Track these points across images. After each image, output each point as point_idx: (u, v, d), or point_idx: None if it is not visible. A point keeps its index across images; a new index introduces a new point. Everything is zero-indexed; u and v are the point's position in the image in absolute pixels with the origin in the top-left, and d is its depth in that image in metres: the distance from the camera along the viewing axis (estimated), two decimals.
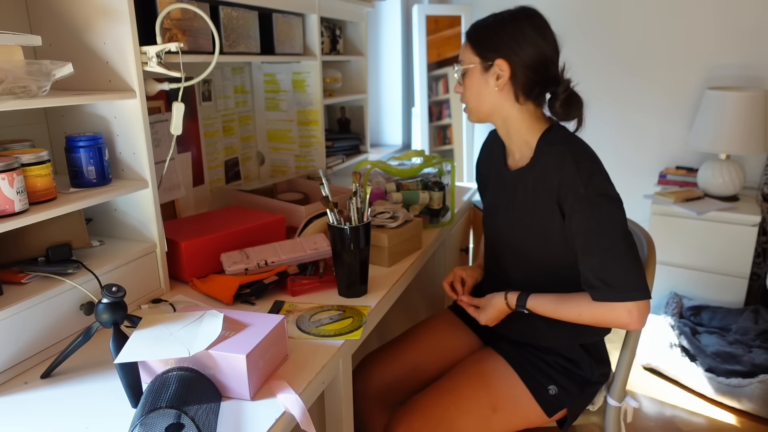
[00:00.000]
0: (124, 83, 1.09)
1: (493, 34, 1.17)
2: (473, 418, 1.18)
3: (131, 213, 1.19)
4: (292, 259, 1.28)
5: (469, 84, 1.22)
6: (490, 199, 1.36)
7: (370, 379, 1.37)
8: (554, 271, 1.20)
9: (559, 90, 1.17)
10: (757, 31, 2.58)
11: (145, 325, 0.88)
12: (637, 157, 2.93)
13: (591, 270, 1.09)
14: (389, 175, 1.64)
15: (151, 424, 0.74)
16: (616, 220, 1.08)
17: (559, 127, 1.20)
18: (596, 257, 1.08)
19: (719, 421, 2.02)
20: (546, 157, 1.16)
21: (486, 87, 1.19)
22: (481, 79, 1.19)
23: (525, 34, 1.15)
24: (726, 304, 2.50)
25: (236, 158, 1.83)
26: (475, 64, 1.19)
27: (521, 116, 1.20)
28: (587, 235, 1.09)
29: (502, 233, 1.28)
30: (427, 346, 1.40)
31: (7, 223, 0.88)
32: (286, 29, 1.64)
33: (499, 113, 1.22)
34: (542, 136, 1.20)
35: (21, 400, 0.86)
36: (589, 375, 1.26)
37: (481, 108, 1.22)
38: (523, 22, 1.16)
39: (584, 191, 1.08)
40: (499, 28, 1.17)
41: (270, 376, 0.89)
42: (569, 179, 1.10)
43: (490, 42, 1.17)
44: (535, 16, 1.17)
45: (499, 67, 1.16)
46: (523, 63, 1.15)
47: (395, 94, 3.00)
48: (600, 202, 1.08)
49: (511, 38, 1.15)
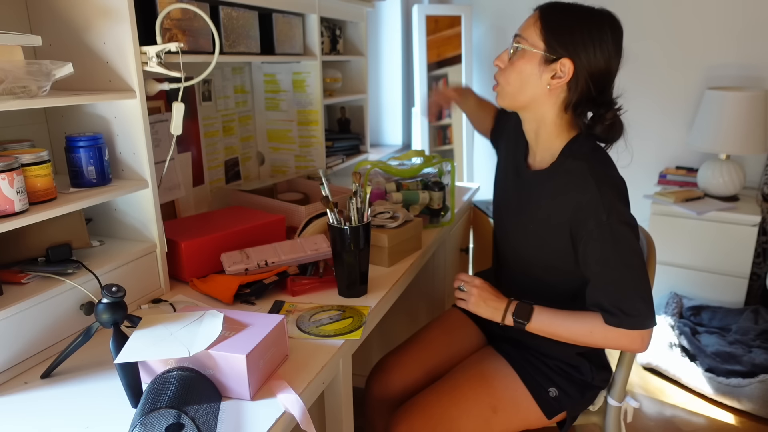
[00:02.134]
0: (124, 83, 1.09)
1: (571, 26, 1.05)
2: (473, 418, 1.18)
3: (131, 213, 1.19)
4: (293, 260, 1.28)
5: (520, 67, 1.09)
6: (503, 194, 1.31)
7: (389, 383, 1.34)
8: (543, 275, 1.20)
9: (608, 114, 1.09)
10: (757, 31, 2.58)
11: (145, 325, 0.88)
12: (637, 157, 2.93)
13: (607, 296, 1.05)
14: (389, 175, 1.64)
15: (151, 424, 0.74)
16: (635, 250, 1.04)
17: (586, 139, 1.13)
18: (614, 286, 1.05)
19: (719, 421, 2.02)
20: (567, 169, 1.10)
21: (537, 79, 1.08)
22: (536, 67, 1.07)
23: (604, 41, 1.04)
24: (726, 304, 2.50)
25: (236, 158, 1.83)
26: (537, 50, 1.06)
27: (557, 122, 1.13)
28: (607, 263, 1.05)
29: (508, 231, 1.27)
30: (442, 347, 1.39)
31: (7, 223, 0.88)
32: (286, 29, 1.64)
33: (536, 110, 1.13)
34: (567, 145, 1.13)
35: (21, 400, 0.86)
36: (589, 379, 1.25)
37: (519, 97, 1.12)
38: (606, 27, 1.05)
39: (606, 219, 1.03)
40: (579, 23, 1.04)
41: (270, 376, 0.89)
42: (591, 204, 1.04)
43: (564, 34, 1.04)
44: (619, 27, 1.07)
45: (561, 66, 1.05)
46: (589, 71, 1.05)
47: (395, 94, 3.00)
48: (621, 231, 1.03)
49: (588, 40, 1.03)
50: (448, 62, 3.04)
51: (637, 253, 1.05)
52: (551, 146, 1.16)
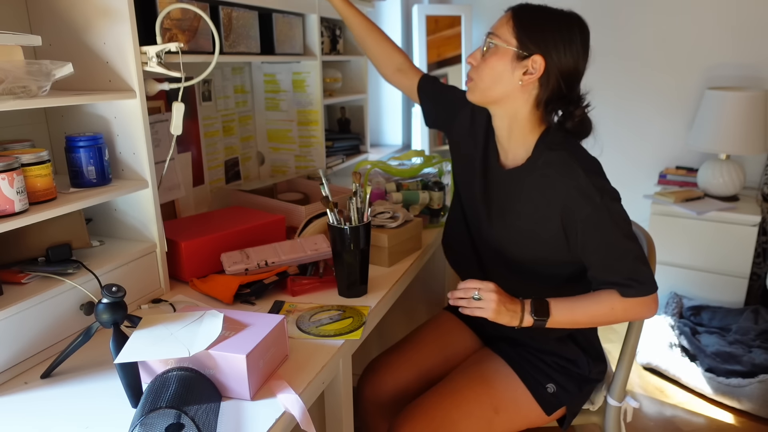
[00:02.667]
0: (124, 83, 1.09)
1: (543, 25, 1.09)
2: (475, 420, 1.18)
3: (131, 213, 1.19)
4: (293, 260, 1.28)
5: (492, 63, 1.12)
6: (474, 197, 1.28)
7: (380, 384, 1.34)
8: (530, 268, 1.20)
9: (577, 111, 1.12)
10: (757, 31, 2.58)
11: (145, 325, 0.88)
12: (637, 157, 2.93)
13: (618, 272, 1.09)
14: (389, 175, 1.64)
15: (151, 424, 0.74)
16: (628, 220, 1.10)
17: (556, 131, 1.16)
18: (623, 260, 1.08)
19: (719, 421, 2.02)
20: (547, 161, 1.12)
21: (510, 75, 1.10)
22: (508, 64, 1.10)
23: (573, 42, 1.08)
24: (726, 304, 2.50)
25: (236, 158, 1.83)
26: (510, 47, 1.09)
27: (529, 118, 1.15)
28: (610, 241, 1.08)
29: (490, 233, 1.23)
30: (434, 349, 1.38)
31: (7, 223, 0.88)
32: (286, 29, 1.64)
33: (508, 106, 1.15)
34: (540, 138, 1.16)
35: (21, 400, 0.86)
36: (586, 372, 1.26)
37: (491, 92, 1.14)
38: (575, 28, 1.09)
39: (601, 200, 1.06)
40: (550, 22, 1.09)
41: (270, 376, 0.89)
42: (583, 190, 1.07)
43: (536, 32, 1.08)
44: (586, 29, 1.11)
45: (533, 63, 1.08)
46: (559, 69, 1.09)
47: (395, 94, 3.00)
48: (615, 207, 1.08)
49: (559, 39, 1.08)
50: (448, 62, 3.04)
51: (629, 222, 1.10)
52: (525, 142, 1.18)
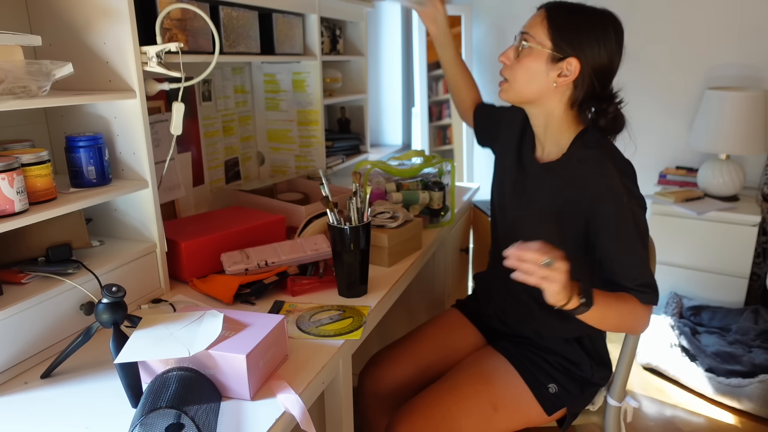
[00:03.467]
0: (124, 83, 1.09)
1: (578, 26, 1.08)
2: (474, 417, 1.18)
3: (131, 213, 1.19)
4: (293, 260, 1.28)
5: (527, 64, 1.12)
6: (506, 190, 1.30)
7: (381, 378, 1.35)
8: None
9: (610, 108, 1.12)
10: (757, 31, 2.58)
11: (145, 325, 0.88)
12: (637, 157, 2.92)
13: (633, 279, 1.08)
14: (389, 175, 1.64)
15: (151, 424, 0.74)
16: (647, 230, 1.11)
17: (594, 131, 1.16)
18: (642, 267, 1.08)
19: (719, 421, 2.02)
20: (581, 159, 1.13)
21: (544, 76, 1.10)
22: (543, 65, 1.10)
23: (607, 41, 1.08)
24: (726, 304, 2.50)
25: (236, 158, 1.83)
26: (545, 48, 1.09)
27: (564, 117, 1.16)
28: (631, 243, 1.07)
29: (515, 225, 1.25)
30: (437, 345, 1.39)
31: (7, 223, 0.88)
32: (286, 29, 1.64)
33: (543, 106, 1.16)
34: (577, 136, 1.16)
35: (21, 400, 0.86)
36: (589, 376, 1.26)
37: (526, 92, 1.14)
38: (609, 28, 1.09)
39: (627, 202, 1.07)
40: (585, 23, 1.08)
41: (270, 376, 0.89)
42: (612, 188, 1.07)
43: (571, 33, 1.08)
44: (620, 27, 1.11)
45: (568, 65, 1.08)
46: (593, 69, 1.09)
47: (395, 94, 3.00)
48: (638, 213, 1.08)
49: (594, 40, 1.07)
50: None
51: (648, 234, 1.12)
52: (560, 139, 1.19)
